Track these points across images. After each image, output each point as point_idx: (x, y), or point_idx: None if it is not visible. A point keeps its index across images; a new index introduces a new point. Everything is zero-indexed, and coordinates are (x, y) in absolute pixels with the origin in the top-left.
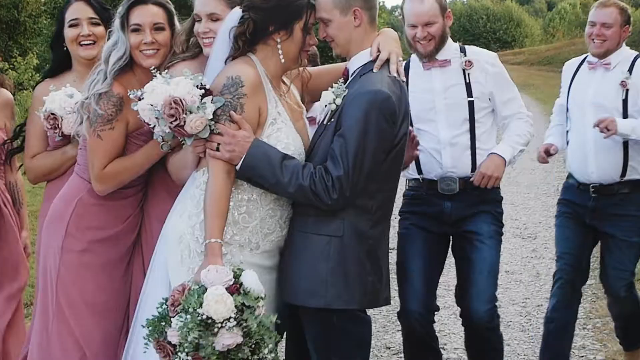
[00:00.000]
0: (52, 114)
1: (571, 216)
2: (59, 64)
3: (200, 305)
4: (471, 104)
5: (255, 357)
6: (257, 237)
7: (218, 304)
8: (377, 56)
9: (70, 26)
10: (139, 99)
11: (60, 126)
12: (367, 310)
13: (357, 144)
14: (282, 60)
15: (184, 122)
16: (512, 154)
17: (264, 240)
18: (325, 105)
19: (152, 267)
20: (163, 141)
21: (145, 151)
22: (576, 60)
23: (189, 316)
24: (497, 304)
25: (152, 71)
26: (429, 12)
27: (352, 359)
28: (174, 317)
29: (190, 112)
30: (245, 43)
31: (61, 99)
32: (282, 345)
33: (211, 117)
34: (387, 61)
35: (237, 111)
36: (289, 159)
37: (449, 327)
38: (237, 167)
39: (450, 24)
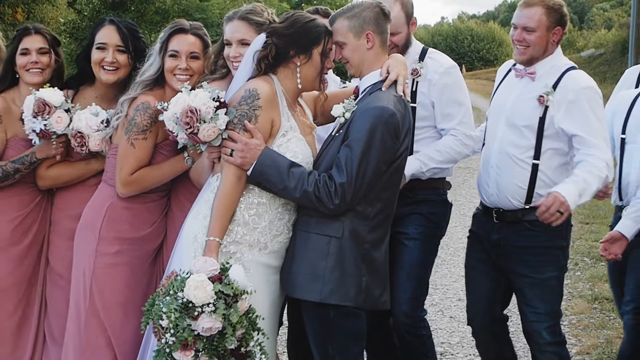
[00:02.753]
0: (79, 132)
1: (479, 257)
2: (83, 77)
3: (182, 290)
4: (412, 110)
5: (243, 349)
6: (265, 238)
7: (197, 290)
8: (387, 77)
9: (98, 48)
10: (165, 110)
11: (87, 144)
12: None
13: (362, 155)
14: (299, 82)
15: (198, 130)
16: (417, 169)
17: (272, 241)
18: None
19: (170, 265)
20: (188, 155)
21: (171, 164)
22: (510, 62)
23: (168, 298)
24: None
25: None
26: (393, 23)
27: (349, 351)
28: (161, 300)
29: (204, 122)
30: (267, 66)
31: (87, 117)
32: (284, 337)
33: (224, 127)
34: (395, 82)
35: (252, 121)
36: (296, 167)
37: (435, 322)
38: (248, 173)
39: (414, 30)
